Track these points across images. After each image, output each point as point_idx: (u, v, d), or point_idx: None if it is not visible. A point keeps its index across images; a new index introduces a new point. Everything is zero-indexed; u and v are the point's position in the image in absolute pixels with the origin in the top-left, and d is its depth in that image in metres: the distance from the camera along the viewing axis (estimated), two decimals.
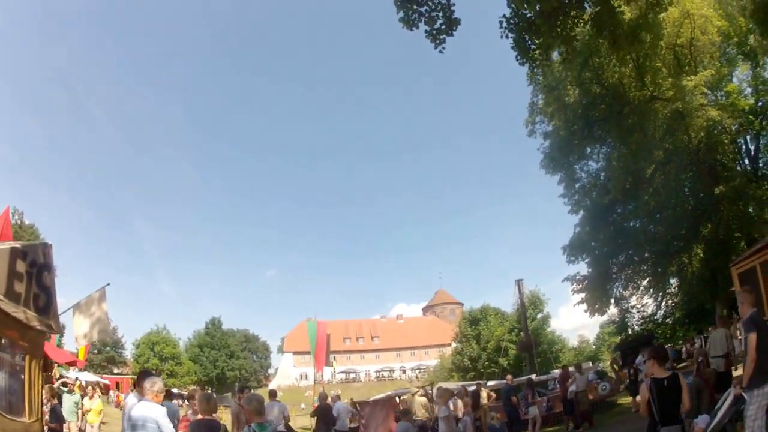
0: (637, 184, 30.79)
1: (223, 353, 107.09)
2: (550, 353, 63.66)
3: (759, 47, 25.51)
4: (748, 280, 13.07)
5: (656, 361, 7.58)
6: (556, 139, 32.50)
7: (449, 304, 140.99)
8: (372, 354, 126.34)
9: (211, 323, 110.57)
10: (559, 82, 31.05)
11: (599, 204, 32.34)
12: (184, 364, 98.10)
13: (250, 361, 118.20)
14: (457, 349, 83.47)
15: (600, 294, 34.10)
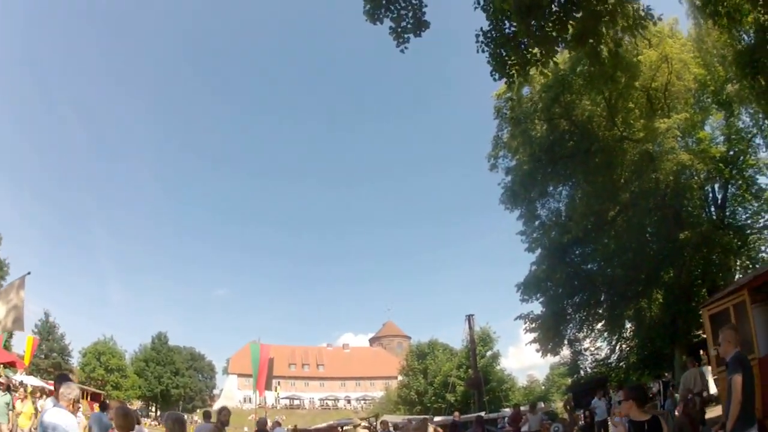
0: (599, 225, 30.37)
1: (169, 370, 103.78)
2: (500, 391, 63.12)
3: (735, 97, 25.06)
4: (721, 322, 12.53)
5: (635, 403, 6.69)
6: (518, 173, 31.73)
7: (397, 336, 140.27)
8: (317, 382, 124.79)
9: (158, 338, 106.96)
10: (527, 115, 30.39)
11: (558, 243, 31.50)
12: (129, 377, 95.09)
13: (195, 380, 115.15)
14: (404, 382, 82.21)
15: (553, 334, 33.22)
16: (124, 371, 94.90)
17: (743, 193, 29.96)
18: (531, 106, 30.23)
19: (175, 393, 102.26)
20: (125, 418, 7.44)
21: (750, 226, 30.21)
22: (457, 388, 64.63)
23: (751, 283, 12.93)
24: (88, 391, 65.83)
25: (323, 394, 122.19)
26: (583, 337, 36.85)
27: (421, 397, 74.36)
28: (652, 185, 26.89)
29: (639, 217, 29.48)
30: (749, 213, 30.50)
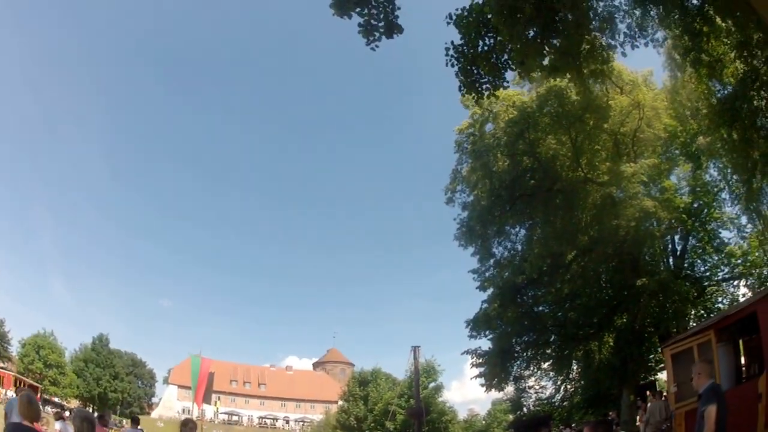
0: (555, 267, 30.21)
1: (108, 373, 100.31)
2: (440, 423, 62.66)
3: (705, 150, 25.31)
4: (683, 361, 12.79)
5: None
6: (476, 209, 31.25)
7: (340, 363, 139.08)
8: (257, 400, 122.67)
9: (99, 340, 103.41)
10: (489, 149, 30.18)
11: (511, 283, 31.19)
12: (67, 375, 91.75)
13: (134, 386, 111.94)
14: (344, 408, 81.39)
15: (499, 370, 32.77)
16: (63, 368, 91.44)
17: (704, 245, 30.18)
18: (494, 141, 30.02)
19: (113, 397, 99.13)
20: (28, 405, 7.11)
21: (708, 278, 30.41)
22: (398, 417, 64.15)
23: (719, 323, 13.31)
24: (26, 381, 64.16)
25: (263, 413, 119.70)
26: (528, 375, 36.55)
27: (360, 423, 73.82)
28: (612, 231, 26.79)
29: (596, 263, 29.57)
30: (708, 266, 30.73)
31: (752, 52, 15.75)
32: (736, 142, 18.36)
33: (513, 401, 39.36)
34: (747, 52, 15.75)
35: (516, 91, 29.69)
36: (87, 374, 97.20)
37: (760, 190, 20.04)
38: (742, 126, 17.60)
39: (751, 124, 17.47)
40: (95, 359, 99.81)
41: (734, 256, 29.19)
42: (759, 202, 20.55)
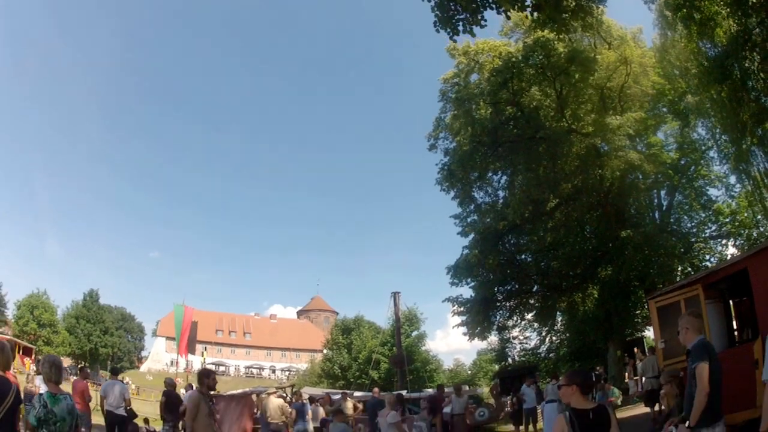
0: (537, 215, 29.74)
1: (98, 328, 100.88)
2: (424, 372, 62.47)
3: (694, 108, 24.71)
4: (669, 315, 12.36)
5: (579, 389, 5.72)
6: (458, 153, 30.56)
7: (324, 311, 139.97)
8: (243, 349, 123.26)
9: (89, 296, 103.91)
10: (472, 97, 29.59)
11: (493, 229, 30.59)
12: (60, 333, 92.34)
13: (124, 341, 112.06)
14: (328, 356, 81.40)
15: (482, 319, 32.23)
16: (56, 327, 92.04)
17: (691, 202, 29.90)
18: (478, 90, 29.37)
19: (104, 352, 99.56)
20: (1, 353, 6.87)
21: (695, 234, 30.19)
22: (381, 366, 63.97)
23: (706, 278, 12.64)
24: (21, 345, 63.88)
25: (249, 363, 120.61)
26: (512, 326, 36.36)
27: (344, 371, 73.55)
28: (596, 181, 26.47)
29: (580, 212, 29.08)
30: (695, 222, 30.57)
31: (746, 12, 15.13)
32: (726, 102, 17.82)
33: (498, 352, 39.17)
34: (741, 12, 15.11)
35: (503, 42, 29.09)
36: (78, 331, 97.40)
37: (749, 151, 19.66)
38: (733, 86, 17.08)
39: (741, 84, 16.95)
40: (86, 315, 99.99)
41: (722, 215, 28.99)
42: (748, 163, 20.12)
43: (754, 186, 21.04)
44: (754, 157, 19.85)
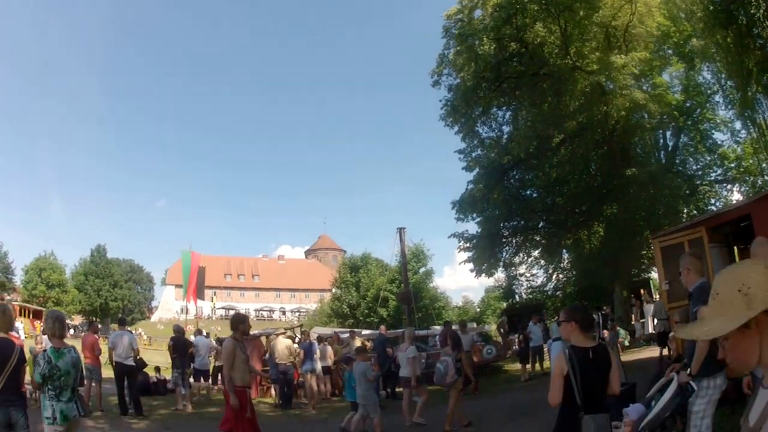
0: (542, 151, 29.51)
1: (107, 283, 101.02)
2: (432, 309, 62.77)
3: (699, 52, 24.33)
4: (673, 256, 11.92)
5: (578, 325, 5.53)
6: (461, 89, 30.04)
7: (332, 249, 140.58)
8: (252, 292, 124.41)
9: (97, 251, 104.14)
10: (475, 33, 28.88)
11: (497, 164, 30.36)
12: (69, 292, 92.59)
13: (134, 292, 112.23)
14: (336, 295, 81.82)
15: (488, 255, 32.25)
16: (65, 286, 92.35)
17: (696, 144, 29.66)
18: (481, 26, 28.71)
19: (114, 306, 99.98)
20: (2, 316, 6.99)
21: (700, 177, 30.06)
22: (390, 303, 64.30)
23: (710, 221, 12.64)
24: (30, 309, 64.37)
25: (258, 305, 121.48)
26: (519, 262, 36.41)
27: (353, 310, 73.75)
28: (601, 118, 26.04)
29: (585, 149, 28.71)
30: (700, 165, 30.40)
31: None
32: (731, 47, 17.39)
33: (505, 289, 39.32)
34: None
35: None
36: (88, 287, 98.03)
37: (754, 99, 19.31)
38: (738, 32, 16.67)
39: (747, 31, 16.56)
40: (95, 271, 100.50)
41: (728, 159, 28.85)
42: (753, 110, 19.76)
43: (759, 134, 20.78)
44: (759, 105, 19.52)
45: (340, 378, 21.37)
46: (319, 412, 17.32)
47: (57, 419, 6.81)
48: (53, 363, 6.84)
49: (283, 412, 17.71)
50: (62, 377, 6.86)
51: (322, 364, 19.60)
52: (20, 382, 7.09)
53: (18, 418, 6.74)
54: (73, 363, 7.06)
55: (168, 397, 19.88)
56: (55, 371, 6.83)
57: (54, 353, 6.92)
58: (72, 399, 7.00)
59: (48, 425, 6.86)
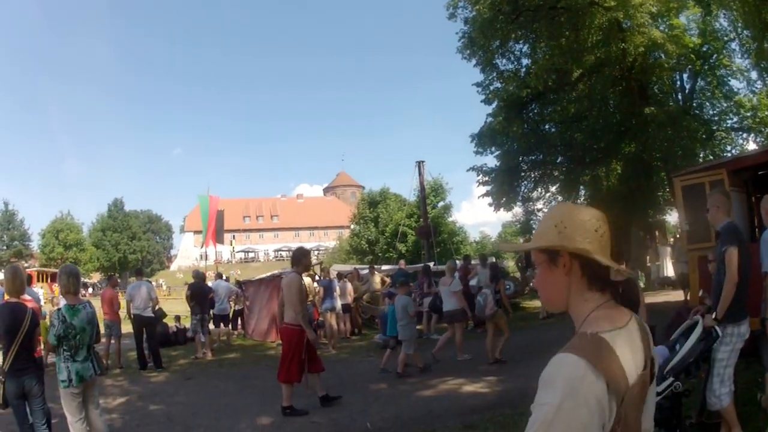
0: (560, 84, 29.16)
1: (125, 236, 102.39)
2: (451, 244, 62.46)
3: None
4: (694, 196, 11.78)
5: None
6: (477, 21, 29.13)
7: (350, 186, 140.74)
8: (271, 233, 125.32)
9: (114, 205, 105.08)
10: None
11: (516, 97, 30.03)
12: (87, 251, 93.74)
13: (153, 243, 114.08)
14: (355, 231, 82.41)
15: (507, 189, 32.33)
16: (82, 245, 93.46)
17: (713, 89, 29.07)
18: None
19: (133, 258, 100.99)
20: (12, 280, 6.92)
21: (717, 122, 29.58)
22: (409, 238, 64.28)
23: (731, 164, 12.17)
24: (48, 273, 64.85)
25: (277, 245, 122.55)
26: (537, 198, 36.37)
27: (372, 246, 73.99)
28: (619, 55, 25.72)
29: (603, 85, 28.25)
30: (717, 111, 29.83)
31: None
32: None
33: (523, 224, 39.20)
34: None
35: None
36: (106, 243, 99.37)
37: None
38: None
39: None
40: (112, 225, 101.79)
41: (743, 108, 28.22)
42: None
43: None
44: None
45: (359, 316, 21.40)
46: (339, 351, 17.40)
47: (72, 381, 6.68)
48: (68, 321, 6.65)
49: None
50: (77, 335, 6.69)
51: (342, 302, 19.48)
52: (33, 348, 6.97)
53: (32, 386, 6.70)
54: (88, 319, 6.89)
55: (188, 346, 20.05)
56: (70, 330, 6.65)
57: (68, 311, 6.73)
58: (88, 358, 6.86)
59: (63, 388, 6.73)
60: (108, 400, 11.46)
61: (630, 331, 1.98)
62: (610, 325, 1.93)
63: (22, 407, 6.77)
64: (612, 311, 2.00)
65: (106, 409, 10.45)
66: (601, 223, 2.04)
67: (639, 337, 2.02)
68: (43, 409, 6.91)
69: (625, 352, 1.87)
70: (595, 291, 2.01)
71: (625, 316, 2.03)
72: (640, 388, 1.93)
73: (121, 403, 11.48)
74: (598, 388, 1.75)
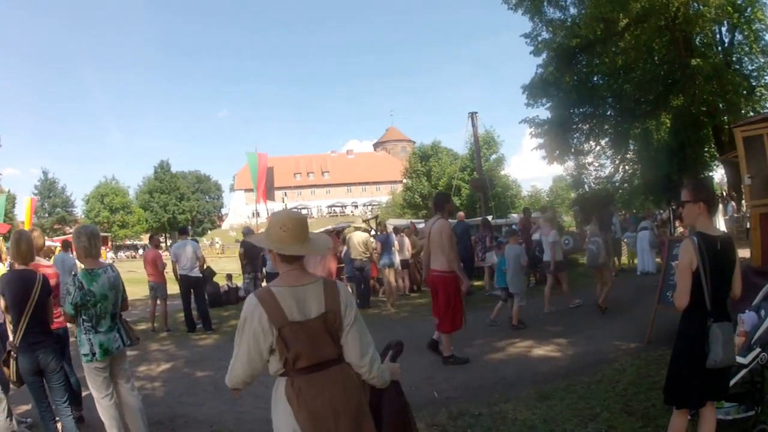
0: (608, 35, 28.66)
1: (173, 196, 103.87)
2: (505, 198, 61.48)
3: None
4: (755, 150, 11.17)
5: (706, 207, 4.38)
6: None
7: (400, 141, 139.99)
8: (323, 189, 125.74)
9: (160, 167, 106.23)
10: None
11: (566, 46, 29.72)
12: (134, 213, 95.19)
13: (202, 203, 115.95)
14: (408, 185, 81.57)
15: (560, 142, 32.45)
16: (129, 208, 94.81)
17: (750, 44, 28.23)
18: None
19: (182, 218, 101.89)
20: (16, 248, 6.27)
21: (756, 78, 28.75)
22: (462, 192, 63.66)
23: None
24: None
25: (330, 201, 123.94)
26: (587, 151, 36.25)
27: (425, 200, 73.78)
28: (663, 4, 25.11)
29: (649, 35, 27.61)
30: (755, 66, 29.04)
31: None
32: None
33: (574, 177, 38.38)
34: None
35: None
36: (153, 204, 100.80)
37: None
38: None
39: None
40: (159, 187, 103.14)
41: None
42: None
43: None
44: None
45: (418, 272, 20.55)
46: (398, 310, 16.52)
47: (96, 354, 5.88)
48: (85, 288, 5.81)
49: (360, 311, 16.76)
50: (98, 303, 5.88)
51: (400, 257, 18.70)
52: (47, 319, 6.28)
53: (48, 362, 6.08)
54: (110, 284, 6.03)
55: (240, 305, 19.25)
56: (88, 298, 5.82)
57: (86, 276, 5.87)
58: (113, 328, 6.06)
59: (86, 363, 5.94)
60: (152, 367, 10.97)
61: (305, 289, 3.30)
62: (283, 284, 3.31)
63: (38, 384, 6.18)
64: (291, 277, 3.35)
65: (149, 377, 10.19)
66: (286, 221, 3.39)
67: (318, 293, 3.32)
68: (62, 386, 6.27)
69: (287, 300, 3.21)
70: (284, 264, 3.39)
71: (305, 280, 3.36)
72: (313, 326, 3.24)
73: (165, 370, 10.78)
74: (263, 317, 3.15)
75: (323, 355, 3.25)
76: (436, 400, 7.62)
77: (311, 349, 3.21)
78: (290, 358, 3.18)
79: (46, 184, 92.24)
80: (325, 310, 3.26)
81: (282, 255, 3.31)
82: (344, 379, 3.30)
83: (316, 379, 3.22)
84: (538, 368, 8.91)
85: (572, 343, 10.34)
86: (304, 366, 3.21)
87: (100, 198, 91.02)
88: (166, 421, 7.58)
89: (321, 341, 3.25)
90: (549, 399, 6.95)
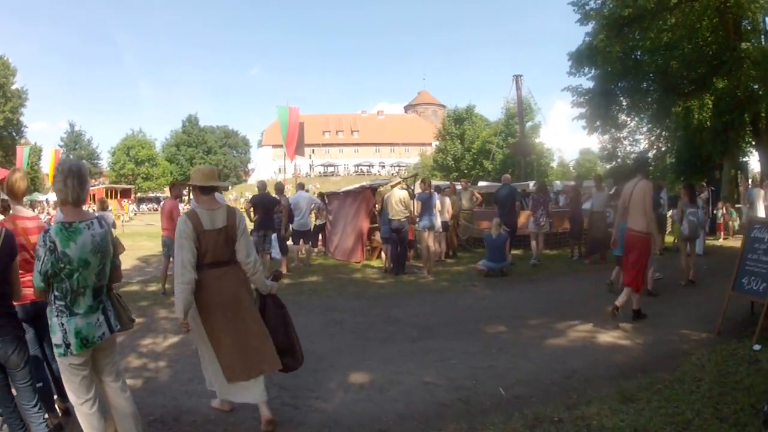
0: (659, 8, 28.01)
1: (201, 150, 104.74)
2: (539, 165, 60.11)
3: None
4: None
5: None
6: None
7: (432, 104, 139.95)
8: (351, 148, 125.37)
9: (188, 121, 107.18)
10: None
11: (617, 15, 28.71)
12: (159, 165, 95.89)
13: (229, 157, 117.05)
14: (440, 147, 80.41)
15: (603, 113, 32.14)
16: (155, 160, 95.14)
17: None
18: None
19: None
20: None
21: None
22: (496, 157, 62.76)
23: None
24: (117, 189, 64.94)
25: (358, 160, 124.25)
26: (624, 125, 35.93)
27: (457, 162, 72.95)
28: None
29: (699, 13, 27.80)
30: None
31: None
32: None
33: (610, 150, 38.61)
34: None
35: None
36: (180, 157, 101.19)
37: None
38: None
39: None
40: (186, 140, 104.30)
41: None
42: None
43: None
44: None
45: (456, 236, 19.20)
46: (436, 278, 15.19)
47: (71, 346, 4.25)
48: (59, 251, 4.11)
49: (394, 278, 15.46)
50: (75, 273, 4.19)
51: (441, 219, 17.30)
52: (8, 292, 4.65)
53: (8, 355, 4.57)
54: (94, 246, 4.28)
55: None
56: (62, 264, 4.14)
57: (60, 233, 4.14)
58: (96, 308, 4.41)
59: (60, 357, 4.36)
60: (157, 340, 9.48)
61: (216, 212, 5.39)
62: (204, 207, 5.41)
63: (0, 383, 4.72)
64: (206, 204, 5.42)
65: (153, 354, 8.76)
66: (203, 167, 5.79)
67: (223, 214, 5.42)
68: (30, 385, 4.74)
69: (204, 217, 5.32)
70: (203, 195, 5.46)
71: (216, 206, 5.44)
72: (218, 234, 5.33)
73: (172, 345, 9.19)
74: (189, 225, 5.22)
75: (222, 255, 5.43)
76: (504, 399, 6.60)
77: (215, 249, 5.38)
78: (201, 253, 5.32)
79: (72, 136, 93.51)
80: (227, 225, 5.45)
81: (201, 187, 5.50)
82: (235, 273, 5.51)
83: (216, 273, 5.38)
84: (610, 359, 7.97)
85: (637, 329, 9.42)
86: (210, 261, 5.37)
87: (126, 150, 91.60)
88: (169, 419, 6.04)
89: (222, 246, 5.41)
90: (634, 401, 6.10)
